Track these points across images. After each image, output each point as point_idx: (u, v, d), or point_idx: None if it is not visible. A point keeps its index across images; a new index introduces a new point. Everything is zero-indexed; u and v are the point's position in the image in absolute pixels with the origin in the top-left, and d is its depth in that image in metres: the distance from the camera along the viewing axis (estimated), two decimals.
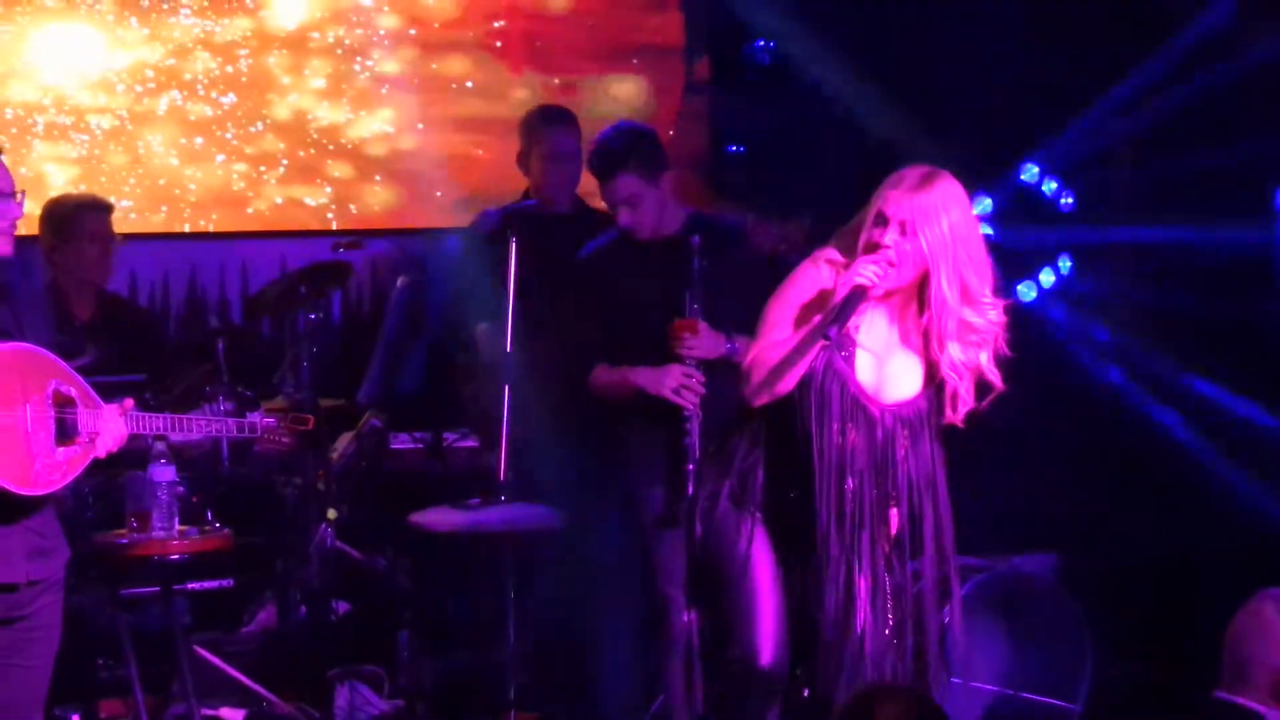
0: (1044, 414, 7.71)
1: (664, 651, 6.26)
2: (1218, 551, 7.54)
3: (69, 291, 7.57)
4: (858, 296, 4.99)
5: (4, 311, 5.07)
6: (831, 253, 5.19)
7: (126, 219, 8.39)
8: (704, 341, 6.16)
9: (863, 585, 5.17)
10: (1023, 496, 7.78)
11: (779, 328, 5.15)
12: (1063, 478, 7.86)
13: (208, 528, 6.69)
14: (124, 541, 6.58)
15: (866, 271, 4.99)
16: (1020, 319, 5.23)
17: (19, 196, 5.06)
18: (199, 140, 8.75)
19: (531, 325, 6.67)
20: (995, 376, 5.14)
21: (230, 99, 8.78)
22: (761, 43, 8.49)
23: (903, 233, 5.03)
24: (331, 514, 7.11)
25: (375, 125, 8.89)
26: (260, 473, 7.35)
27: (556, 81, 8.88)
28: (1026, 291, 8.18)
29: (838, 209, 5.26)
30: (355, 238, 7.64)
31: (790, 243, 6.35)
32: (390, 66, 8.89)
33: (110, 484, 6.83)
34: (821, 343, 5.02)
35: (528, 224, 6.88)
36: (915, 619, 5.23)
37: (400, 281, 7.46)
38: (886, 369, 5.18)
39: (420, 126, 8.88)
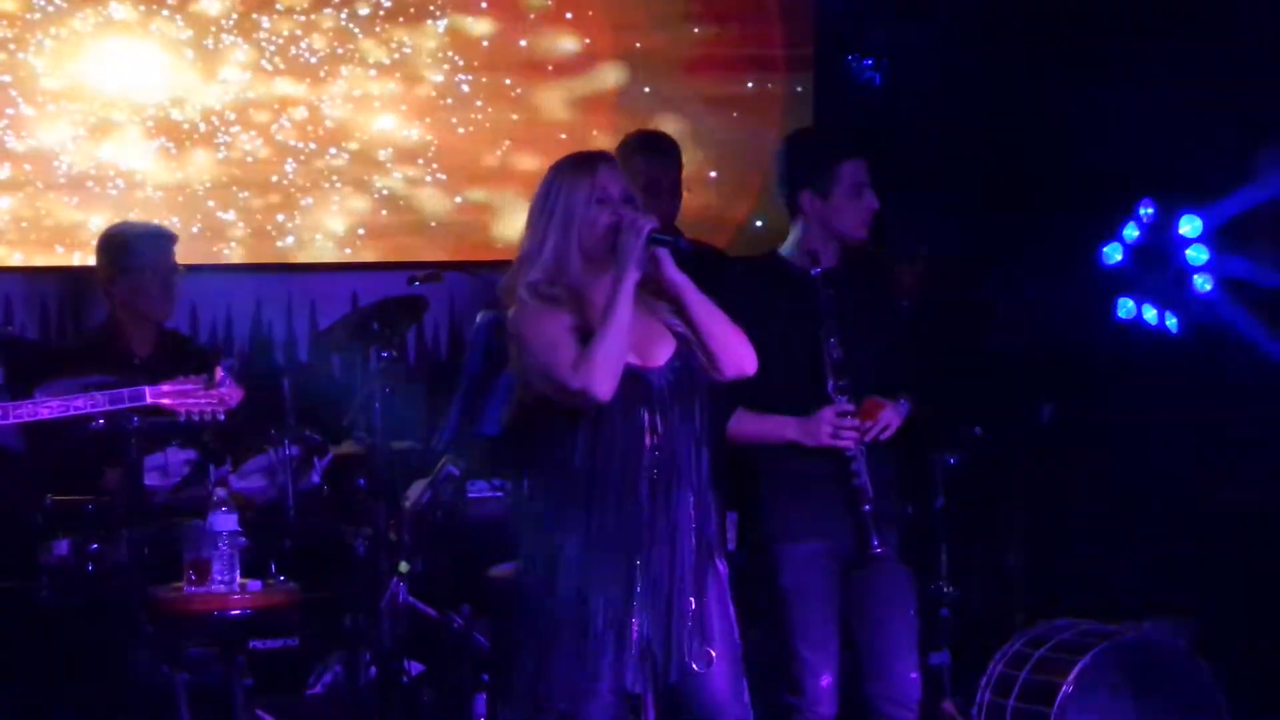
0: (1181, 466, 7.35)
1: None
2: None
3: (127, 327, 7.46)
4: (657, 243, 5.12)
5: None
6: None
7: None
8: (889, 414, 5.99)
9: None
10: (1157, 553, 7.60)
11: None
12: (1201, 535, 7.58)
13: (271, 581, 6.62)
14: (181, 595, 6.48)
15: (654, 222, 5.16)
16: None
17: None
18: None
19: None
20: None
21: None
22: (870, 61, 8.15)
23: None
24: (404, 567, 6.89)
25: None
26: (328, 523, 7.20)
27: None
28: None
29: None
30: (433, 270, 7.52)
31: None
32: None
33: (167, 533, 6.74)
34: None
35: None
36: None
37: (480, 317, 7.14)
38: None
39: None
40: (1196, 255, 7.87)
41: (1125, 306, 7.85)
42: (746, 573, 5.90)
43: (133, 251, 7.39)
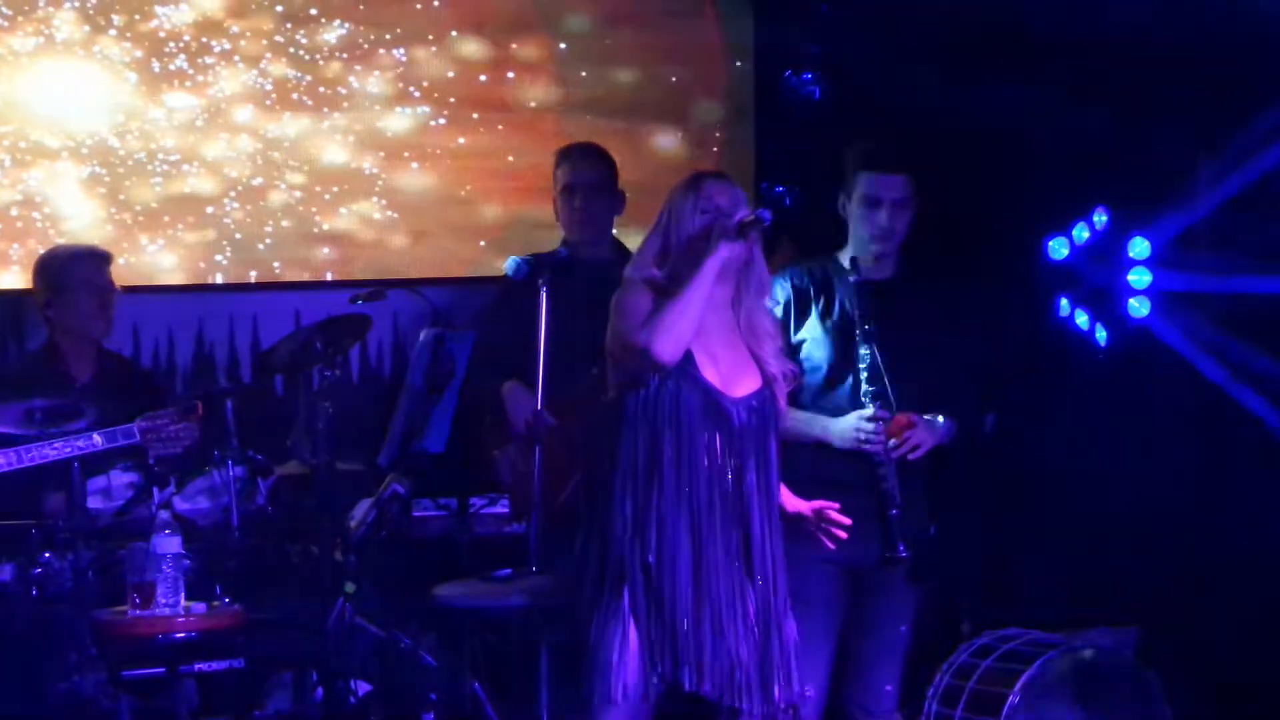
0: (1120, 471, 7.51)
1: None
2: None
3: (66, 350, 7.43)
4: (752, 225, 5.39)
5: None
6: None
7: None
8: (921, 433, 6.03)
9: None
10: (1099, 563, 7.57)
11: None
12: (1145, 542, 7.58)
13: (216, 603, 6.57)
14: (125, 618, 6.43)
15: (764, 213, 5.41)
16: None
17: None
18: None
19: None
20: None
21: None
22: (809, 75, 8.13)
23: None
24: (350, 587, 6.89)
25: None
26: (273, 544, 7.18)
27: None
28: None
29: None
30: (375, 289, 7.48)
31: None
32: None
33: (110, 556, 6.71)
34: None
35: (560, 272, 6.67)
36: None
37: (423, 335, 7.12)
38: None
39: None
40: (1139, 279, 7.89)
41: (1063, 307, 7.86)
42: None
43: (65, 271, 7.36)
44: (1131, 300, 7.85)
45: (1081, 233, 7.85)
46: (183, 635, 6.43)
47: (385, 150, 8.71)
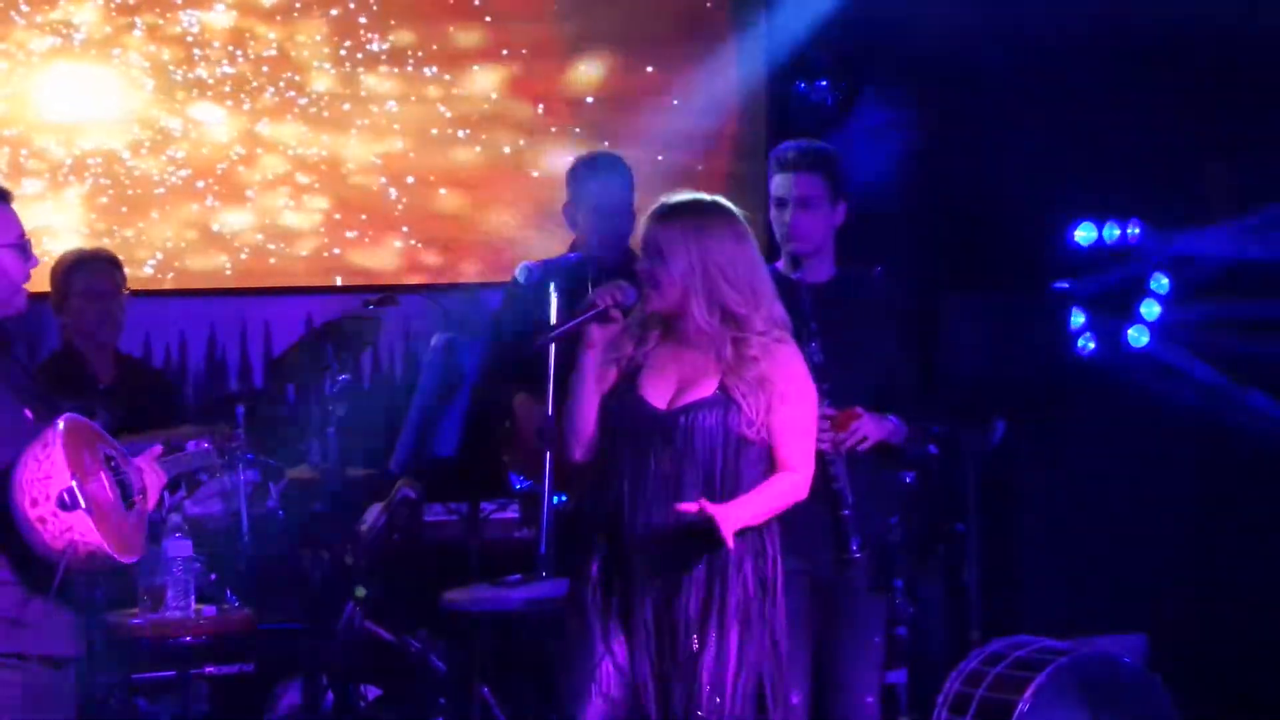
0: (1132, 480, 7.35)
1: None
2: None
3: (86, 353, 7.41)
4: (591, 316, 5.32)
5: (15, 370, 4.95)
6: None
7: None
8: (869, 425, 5.94)
9: None
10: (1107, 571, 7.57)
11: None
12: (1154, 551, 7.55)
13: (227, 607, 6.55)
14: (136, 622, 6.42)
15: (604, 295, 5.31)
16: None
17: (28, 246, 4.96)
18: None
19: None
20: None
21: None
22: (824, 83, 8.13)
23: (655, 259, 5.26)
24: (360, 592, 6.92)
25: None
26: (284, 548, 7.15)
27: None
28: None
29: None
30: (387, 294, 7.51)
31: None
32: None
33: None
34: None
35: (572, 279, 6.57)
36: None
37: (435, 340, 7.12)
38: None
39: None
40: (1148, 310, 7.89)
41: (1076, 320, 7.87)
42: None
43: (66, 278, 7.36)
44: (1131, 330, 7.87)
45: (1112, 231, 7.86)
46: (193, 639, 6.41)
47: (415, 174, 8.73)
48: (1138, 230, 7.84)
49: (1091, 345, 7.87)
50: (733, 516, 5.07)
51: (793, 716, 5.87)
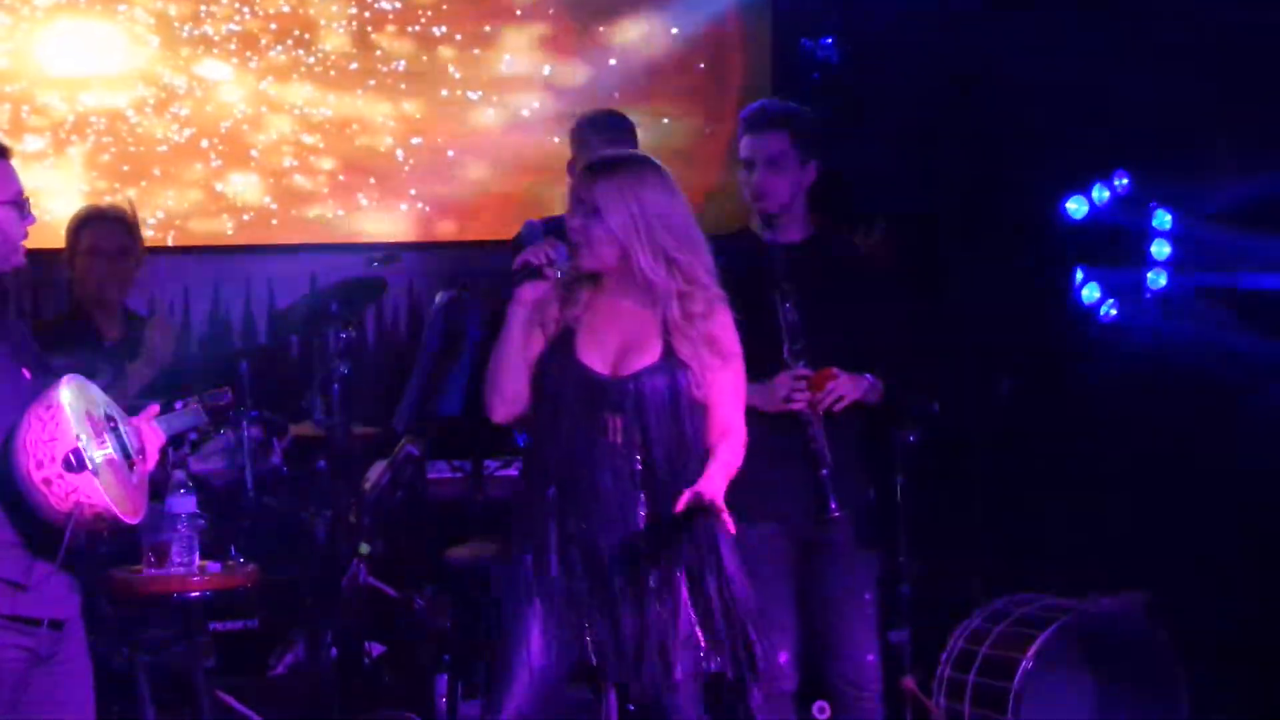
0: (1131, 438, 7.49)
1: None
2: None
3: (92, 310, 7.31)
4: (525, 274, 5.24)
5: (13, 328, 4.89)
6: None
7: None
8: (844, 384, 5.95)
9: None
10: (1109, 528, 7.55)
11: None
12: (1155, 507, 7.55)
13: (231, 563, 6.45)
14: (140, 578, 6.34)
15: (537, 253, 5.24)
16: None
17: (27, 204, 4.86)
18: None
19: None
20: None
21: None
22: (828, 40, 8.11)
23: (590, 215, 5.21)
24: (364, 548, 6.90)
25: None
26: (288, 504, 7.15)
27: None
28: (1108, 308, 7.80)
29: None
30: (391, 251, 7.49)
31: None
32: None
33: None
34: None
35: None
36: None
37: (439, 297, 7.11)
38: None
39: None
40: (1159, 250, 7.85)
41: (1078, 278, 7.83)
42: None
43: (74, 235, 7.27)
44: (1150, 273, 7.83)
45: (1101, 193, 7.81)
46: (197, 595, 6.34)
47: (423, 134, 8.72)
48: (1125, 181, 7.81)
49: (1114, 312, 7.84)
50: (718, 490, 5.07)
51: (781, 674, 5.88)
